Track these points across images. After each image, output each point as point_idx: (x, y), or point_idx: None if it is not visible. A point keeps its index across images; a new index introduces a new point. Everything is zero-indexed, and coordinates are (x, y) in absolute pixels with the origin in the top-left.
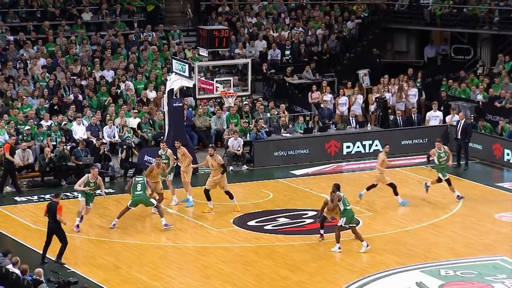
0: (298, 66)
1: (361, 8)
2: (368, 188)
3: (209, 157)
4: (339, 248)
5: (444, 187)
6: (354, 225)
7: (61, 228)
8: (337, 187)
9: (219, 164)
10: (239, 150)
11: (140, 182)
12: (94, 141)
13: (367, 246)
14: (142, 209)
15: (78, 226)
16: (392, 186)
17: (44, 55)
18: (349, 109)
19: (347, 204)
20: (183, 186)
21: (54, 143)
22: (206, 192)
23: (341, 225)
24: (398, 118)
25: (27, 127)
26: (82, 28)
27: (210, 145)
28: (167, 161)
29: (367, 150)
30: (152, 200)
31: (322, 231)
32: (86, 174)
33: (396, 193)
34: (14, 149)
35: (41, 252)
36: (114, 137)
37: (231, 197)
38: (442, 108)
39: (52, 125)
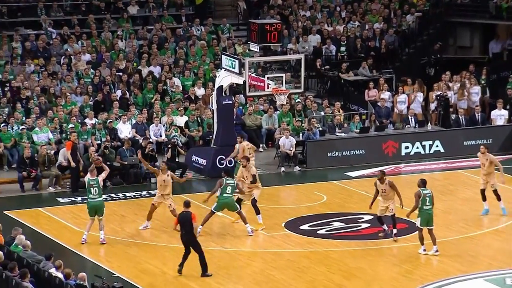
0: (354, 62)
1: (422, 0)
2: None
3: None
4: (424, 250)
5: (508, 191)
6: (431, 227)
7: (196, 239)
8: (423, 183)
9: (251, 174)
10: (291, 150)
11: (230, 184)
12: (140, 140)
13: (437, 251)
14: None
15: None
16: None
17: (89, 51)
18: (408, 107)
19: (427, 204)
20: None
21: (99, 142)
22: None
23: (418, 226)
24: (460, 117)
25: (70, 125)
26: (128, 22)
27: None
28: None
29: (427, 151)
30: (237, 205)
31: (384, 226)
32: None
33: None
34: (75, 146)
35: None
36: (160, 136)
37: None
38: (508, 107)
39: (97, 123)
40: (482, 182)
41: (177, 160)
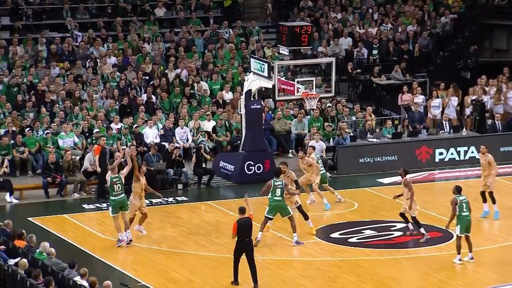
0: (387, 65)
1: (457, 2)
2: None
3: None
4: (460, 260)
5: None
6: (469, 234)
7: (253, 248)
8: (457, 190)
9: (292, 180)
10: (321, 156)
11: (279, 186)
12: (167, 146)
13: (472, 258)
14: (218, 217)
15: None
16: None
17: (115, 54)
18: (442, 112)
19: (465, 210)
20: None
21: (124, 147)
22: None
23: (457, 235)
24: (496, 123)
25: (96, 130)
26: (155, 25)
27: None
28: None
29: (462, 158)
30: (290, 209)
31: (409, 225)
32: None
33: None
34: (104, 151)
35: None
36: (187, 140)
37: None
38: None
39: (122, 128)
40: (482, 184)
41: (204, 166)
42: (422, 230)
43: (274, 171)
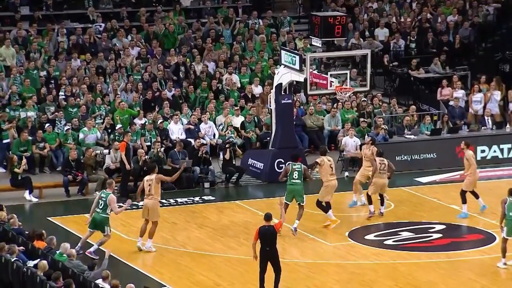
0: (425, 58)
1: None
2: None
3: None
4: (504, 264)
5: None
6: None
7: (278, 256)
8: (510, 192)
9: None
10: (356, 152)
11: (297, 169)
12: (193, 142)
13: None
14: (247, 218)
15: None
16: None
17: (139, 45)
18: (484, 107)
19: None
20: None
21: (149, 143)
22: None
23: (503, 237)
24: None
25: (119, 126)
26: (181, 15)
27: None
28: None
29: (505, 155)
30: (304, 197)
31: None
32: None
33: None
34: (129, 147)
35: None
36: (214, 137)
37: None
38: None
39: (147, 123)
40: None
41: (234, 163)
42: (371, 207)
43: (291, 155)
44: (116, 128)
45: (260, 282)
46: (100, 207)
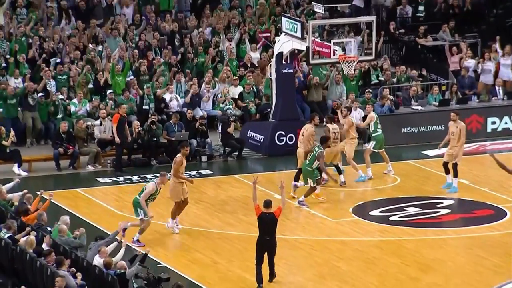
0: (433, 25)
1: None
2: None
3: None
4: None
5: None
6: None
7: (276, 246)
8: None
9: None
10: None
11: (315, 151)
12: (190, 114)
13: None
14: (246, 193)
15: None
16: None
17: (133, 11)
18: (495, 76)
19: None
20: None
21: (146, 107)
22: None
23: None
24: None
25: (109, 91)
26: None
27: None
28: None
29: None
30: (312, 180)
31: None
32: (152, 183)
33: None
34: (123, 120)
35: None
36: (212, 108)
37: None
38: None
39: (145, 87)
40: (447, 154)
41: (233, 135)
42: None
43: (321, 138)
44: (107, 93)
45: (257, 275)
46: (141, 191)
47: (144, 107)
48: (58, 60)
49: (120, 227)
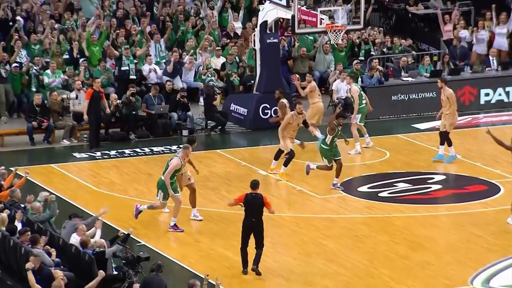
0: None
1: None
2: None
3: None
4: None
5: None
6: None
7: (263, 230)
8: None
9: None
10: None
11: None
12: (170, 85)
13: None
14: (228, 168)
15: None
16: None
17: None
18: (489, 46)
19: None
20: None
21: (126, 68)
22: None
23: None
24: None
25: (82, 59)
26: None
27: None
28: None
29: (511, 99)
30: (324, 160)
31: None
32: (176, 158)
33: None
34: (97, 95)
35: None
36: (193, 80)
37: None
38: None
39: (123, 48)
40: (441, 123)
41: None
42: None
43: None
44: (80, 61)
45: (242, 258)
46: (164, 169)
47: (123, 68)
48: (21, 20)
49: (100, 213)
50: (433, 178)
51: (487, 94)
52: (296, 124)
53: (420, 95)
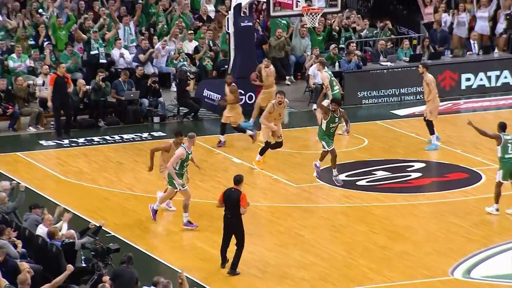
0: None
1: None
2: None
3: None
4: (497, 209)
5: None
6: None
7: (242, 228)
8: (501, 127)
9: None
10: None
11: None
12: (141, 71)
13: None
14: (202, 156)
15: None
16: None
17: None
18: (470, 30)
19: (509, 152)
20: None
21: (96, 52)
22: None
23: (498, 181)
24: None
25: (46, 43)
26: None
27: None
28: None
29: (492, 84)
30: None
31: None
32: (181, 147)
33: None
34: (61, 80)
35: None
36: (165, 65)
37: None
38: None
39: (92, 31)
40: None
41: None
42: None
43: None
44: (45, 45)
45: (222, 255)
46: None
47: (92, 52)
48: None
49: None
50: (413, 166)
51: (468, 79)
52: (277, 113)
53: (400, 80)
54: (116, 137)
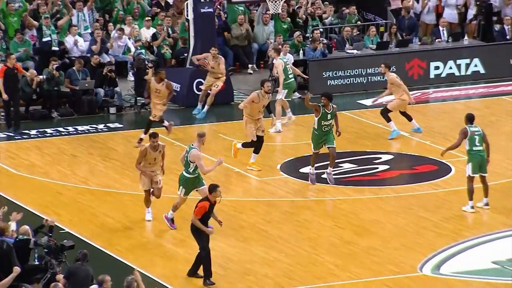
0: None
1: None
2: None
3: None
4: (472, 207)
5: None
6: (485, 174)
7: (200, 232)
8: (469, 119)
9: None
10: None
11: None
12: (96, 59)
13: (487, 204)
14: None
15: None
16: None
17: None
18: (438, 16)
19: (477, 144)
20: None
21: (49, 39)
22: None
23: (469, 175)
24: (506, 28)
25: None
26: None
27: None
28: None
29: (462, 72)
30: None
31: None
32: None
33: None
34: (11, 72)
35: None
36: (123, 53)
37: None
38: None
39: (43, 17)
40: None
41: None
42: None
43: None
44: None
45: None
46: (185, 166)
47: (44, 39)
48: None
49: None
50: (380, 158)
51: (437, 68)
52: (261, 105)
53: (366, 69)
54: (70, 128)
